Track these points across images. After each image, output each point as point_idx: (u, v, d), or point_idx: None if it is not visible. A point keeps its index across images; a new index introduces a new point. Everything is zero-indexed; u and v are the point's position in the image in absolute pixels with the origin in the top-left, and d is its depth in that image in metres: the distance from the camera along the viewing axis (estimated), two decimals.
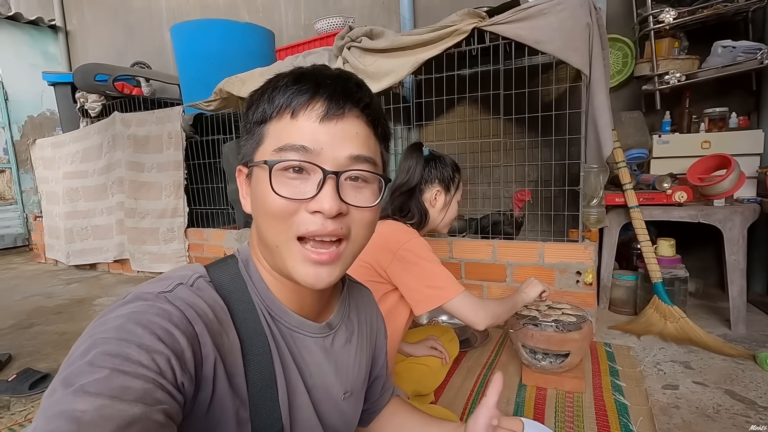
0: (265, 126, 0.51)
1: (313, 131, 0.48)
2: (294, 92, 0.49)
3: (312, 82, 0.49)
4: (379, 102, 0.55)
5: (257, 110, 0.51)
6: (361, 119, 0.51)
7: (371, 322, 0.72)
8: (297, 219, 0.48)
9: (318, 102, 0.48)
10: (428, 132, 2.71)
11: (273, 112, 0.50)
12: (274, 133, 0.50)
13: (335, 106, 0.48)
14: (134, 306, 0.42)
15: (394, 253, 1.12)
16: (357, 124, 0.51)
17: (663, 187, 1.95)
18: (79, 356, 0.37)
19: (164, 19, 4.44)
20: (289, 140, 0.48)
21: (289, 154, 0.48)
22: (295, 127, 0.48)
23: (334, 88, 0.49)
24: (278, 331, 0.54)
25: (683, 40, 2.21)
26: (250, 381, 0.50)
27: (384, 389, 0.77)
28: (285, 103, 0.49)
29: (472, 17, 1.88)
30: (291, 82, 0.50)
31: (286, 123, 0.49)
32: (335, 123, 0.49)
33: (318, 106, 0.48)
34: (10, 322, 2.48)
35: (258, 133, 0.51)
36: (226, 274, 0.54)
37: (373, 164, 0.52)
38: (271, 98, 0.50)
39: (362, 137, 0.51)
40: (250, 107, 0.53)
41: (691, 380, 1.48)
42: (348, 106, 0.49)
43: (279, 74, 0.52)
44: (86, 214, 3.66)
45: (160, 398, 0.37)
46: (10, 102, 4.85)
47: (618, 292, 2.13)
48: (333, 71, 0.52)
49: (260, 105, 0.51)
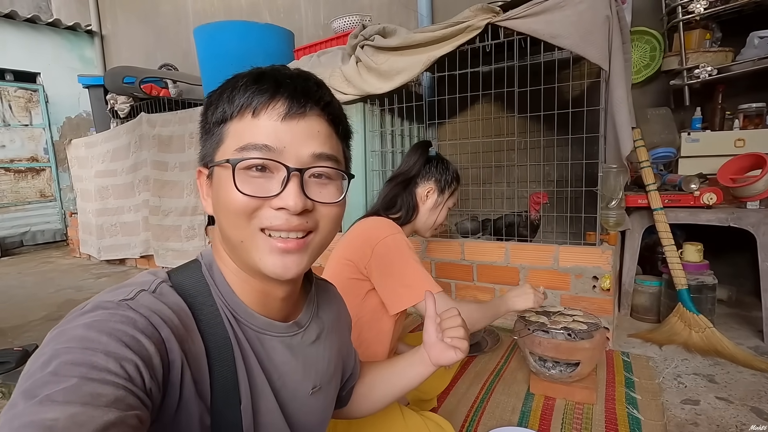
0: (225, 126, 0.50)
1: (275, 130, 0.48)
2: (254, 91, 0.49)
3: (272, 81, 0.49)
4: (339, 102, 0.55)
5: (216, 110, 0.51)
6: (322, 118, 0.51)
7: (339, 317, 0.73)
8: (260, 214, 0.49)
9: (279, 101, 0.49)
10: (444, 131, 2.67)
11: (233, 112, 0.50)
12: (235, 133, 0.49)
13: (297, 104, 0.49)
14: (95, 315, 0.41)
15: (373, 248, 1.10)
16: (318, 122, 0.51)
17: (690, 188, 1.83)
18: (39, 368, 0.36)
19: (191, 21, 4.56)
20: (252, 139, 0.48)
21: (251, 153, 0.48)
22: (257, 126, 0.48)
23: (294, 88, 0.49)
24: (243, 334, 0.54)
25: (715, 31, 2.07)
26: (213, 387, 0.49)
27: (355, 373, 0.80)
28: (245, 103, 0.49)
29: (485, 12, 1.83)
30: (251, 81, 0.50)
31: (247, 122, 0.49)
32: (297, 122, 0.49)
33: (279, 105, 0.48)
34: (42, 313, 2.62)
35: (218, 133, 0.51)
36: (189, 278, 0.54)
37: (335, 161, 0.52)
38: (230, 98, 0.50)
39: (324, 135, 0.51)
40: (209, 107, 0.52)
41: (714, 395, 1.38)
42: (309, 105, 0.50)
43: (237, 74, 0.51)
44: (115, 211, 3.82)
45: (132, 404, 0.36)
46: (50, 104, 5.12)
47: (640, 299, 2.02)
48: (292, 71, 0.52)
49: (219, 105, 0.51)
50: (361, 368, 0.82)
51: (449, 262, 2.13)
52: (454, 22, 1.89)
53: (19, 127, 4.89)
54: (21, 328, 2.37)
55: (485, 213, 2.38)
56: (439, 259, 2.16)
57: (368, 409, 0.80)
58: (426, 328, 0.71)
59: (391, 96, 2.24)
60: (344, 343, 0.74)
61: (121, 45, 5.42)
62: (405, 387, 0.77)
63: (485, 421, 1.30)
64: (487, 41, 1.91)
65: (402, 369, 0.76)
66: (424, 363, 0.73)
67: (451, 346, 0.69)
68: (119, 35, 5.41)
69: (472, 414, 1.33)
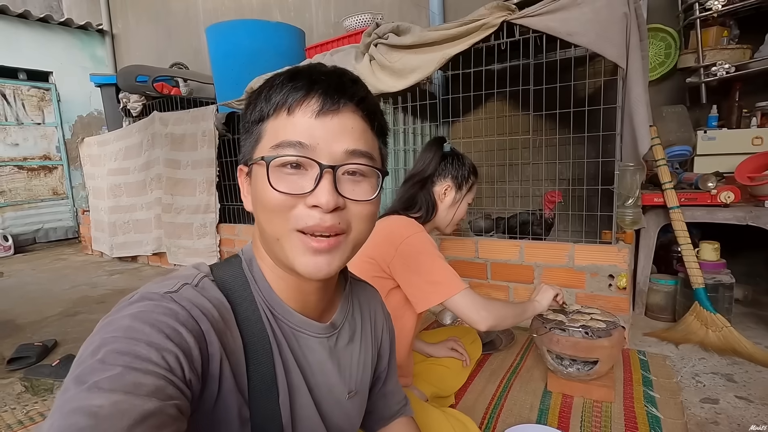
0: (262, 124, 0.51)
1: (309, 127, 0.48)
2: (290, 89, 0.49)
3: (307, 78, 0.50)
4: (375, 98, 0.55)
5: (255, 109, 0.52)
6: (356, 114, 0.51)
7: (375, 320, 0.71)
8: (295, 213, 0.49)
9: (313, 98, 0.49)
10: (457, 129, 2.67)
11: (270, 110, 0.50)
12: (271, 131, 0.50)
13: (330, 101, 0.49)
14: (141, 306, 0.43)
15: (396, 247, 1.10)
16: (353, 118, 0.51)
17: (707, 187, 1.82)
18: (89, 355, 0.38)
19: (201, 20, 4.59)
20: (286, 137, 0.48)
21: (286, 150, 0.48)
22: (291, 124, 0.49)
23: (328, 84, 0.49)
24: (280, 330, 0.55)
25: (733, 28, 2.05)
26: (251, 381, 0.50)
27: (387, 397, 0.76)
28: (281, 101, 0.49)
29: (501, 10, 1.83)
30: (286, 79, 0.50)
31: (282, 120, 0.49)
32: (331, 118, 0.49)
33: (313, 102, 0.49)
34: (58, 309, 2.66)
35: (256, 132, 0.52)
36: (229, 273, 0.55)
37: (370, 158, 0.52)
38: (267, 97, 0.51)
39: (358, 132, 0.51)
40: (248, 107, 0.53)
41: (734, 394, 1.38)
42: (343, 101, 0.49)
43: (275, 73, 0.52)
44: (128, 209, 3.85)
45: (171, 394, 0.37)
46: (62, 103, 5.18)
47: (655, 298, 2.02)
48: (328, 68, 0.52)
49: (258, 104, 0.52)
50: (407, 427, 0.76)
51: (463, 260, 2.13)
52: (469, 20, 1.89)
53: (32, 125, 4.95)
54: (39, 323, 2.41)
55: (498, 211, 2.38)
56: (453, 257, 2.16)
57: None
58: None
59: (404, 94, 2.24)
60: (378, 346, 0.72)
61: (131, 44, 5.47)
62: None
63: (504, 418, 1.30)
64: (502, 39, 1.91)
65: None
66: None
67: None
68: (130, 34, 5.46)
69: (491, 411, 1.34)
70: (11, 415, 1.45)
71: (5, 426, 1.38)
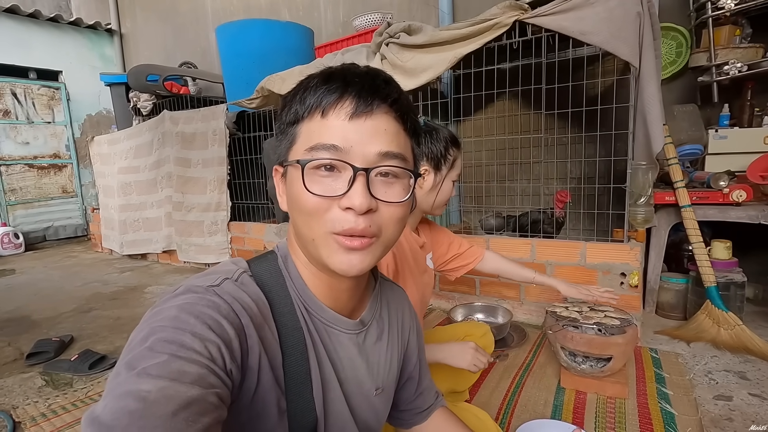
0: (297, 126, 0.52)
1: (342, 129, 0.49)
2: (324, 92, 0.50)
3: (341, 80, 0.50)
4: (408, 97, 0.55)
5: (290, 111, 0.53)
6: (389, 115, 0.51)
7: (403, 320, 0.72)
8: (330, 216, 0.50)
9: (347, 100, 0.49)
10: (467, 127, 2.68)
11: (304, 113, 0.51)
12: (306, 133, 0.51)
13: (363, 103, 0.49)
14: (186, 298, 0.45)
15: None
16: (386, 120, 0.51)
17: (719, 185, 1.82)
18: (138, 342, 0.40)
19: (209, 20, 4.62)
20: (320, 139, 0.49)
21: (320, 153, 0.49)
22: (326, 126, 0.49)
23: (362, 86, 0.49)
24: (314, 326, 0.56)
25: (746, 27, 2.05)
26: (287, 373, 0.52)
27: (423, 394, 0.77)
28: (315, 103, 0.50)
29: (513, 10, 1.84)
30: (321, 82, 0.51)
31: (316, 122, 0.50)
32: (364, 120, 0.49)
33: (347, 104, 0.49)
34: (72, 306, 2.69)
35: (291, 134, 0.53)
36: (266, 269, 0.56)
37: (402, 160, 0.52)
38: (302, 99, 0.51)
39: (391, 133, 0.51)
40: (284, 108, 0.54)
41: (747, 392, 1.39)
42: (376, 103, 0.50)
43: (310, 75, 0.53)
44: (138, 207, 3.89)
45: (213, 382, 0.39)
46: (71, 102, 5.22)
47: (666, 296, 2.02)
48: (361, 69, 0.52)
49: (293, 106, 0.52)
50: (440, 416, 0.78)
51: None
52: (482, 20, 1.89)
53: (42, 124, 5.00)
54: (54, 319, 2.44)
55: (508, 210, 2.39)
56: None
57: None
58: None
59: (415, 93, 2.25)
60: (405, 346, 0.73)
61: (140, 43, 5.50)
62: None
63: (518, 413, 1.32)
64: (514, 38, 1.92)
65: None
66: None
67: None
68: (138, 34, 5.49)
69: (505, 406, 1.35)
70: (34, 408, 1.48)
71: (29, 418, 1.41)
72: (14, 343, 2.09)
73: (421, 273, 1.19)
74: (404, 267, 1.10)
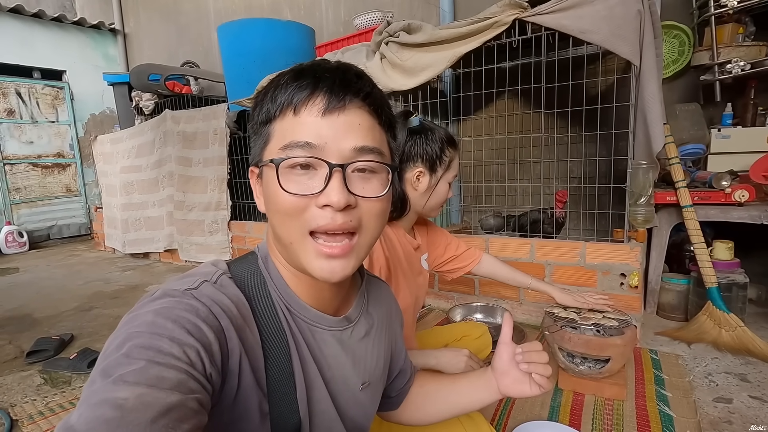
0: (270, 125, 0.51)
1: (315, 126, 0.48)
2: (294, 89, 0.49)
3: (311, 77, 0.49)
4: (382, 91, 0.54)
5: (262, 110, 0.52)
6: (363, 109, 0.50)
7: (390, 315, 0.73)
8: (307, 215, 0.49)
9: (318, 96, 0.48)
10: (467, 127, 2.67)
11: (276, 111, 0.50)
12: (279, 132, 0.50)
13: (335, 98, 0.48)
14: (163, 302, 0.44)
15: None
16: (359, 114, 0.50)
17: (721, 185, 1.80)
18: (114, 349, 0.39)
19: (212, 20, 4.62)
20: (293, 137, 0.48)
21: (294, 151, 0.48)
22: (298, 124, 0.48)
23: (333, 81, 0.49)
24: (296, 326, 0.55)
25: (749, 25, 2.03)
26: (269, 376, 0.51)
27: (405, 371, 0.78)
28: (287, 101, 0.49)
29: (513, 8, 1.82)
30: (291, 79, 0.50)
31: (289, 120, 0.49)
32: (337, 116, 0.48)
33: (319, 100, 0.48)
34: (73, 304, 2.71)
35: (264, 133, 0.52)
36: (247, 270, 0.55)
37: (378, 154, 0.51)
38: (273, 97, 0.50)
39: (366, 128, 0.50)
40: (255, 108, 0.53)
41: (748, 394, 1.37)
42: (348, 98, 0.49)
43: (281, 72, 0.52)
44: (140, 206, 3.90)
45: (192, 388, 0.38)
46: (75, 101, 5.25)
47: (667, 297, 2.00)
48: (332, 64, 0.52)
49: (264, 105, 0.51)
50: (419, 376, 0.81)
51: None
52: (481, 18, 1.88)
53: (46, 123, 5.03)
54: (55, 318, 2.46)
55: (508, 209, 2.38)
56: None
57: (420, 420, 0.78)
58: (498, 354, 0.68)
59: (415, 92, 2.25)
60: (393, 341, 0.74)
61: (143, 43, 5.52)
62: (463, 408, 0.74)
63: (515, 414, 1.31)
64: (514, 37, 1.91)
65: (463, 389, 0.74)
66: (489, 389, 0.70)
67: (532, 380, 0.66)
68: (141, 33, 5.51)
69: (502, 407, 1.34)
70: (32, 406, 1.49)
71: (27, 416, 1.42)
72: (15, 341, 2.10)
73: (416, 275, 1.18)
74: (397, 270, 1.09)
